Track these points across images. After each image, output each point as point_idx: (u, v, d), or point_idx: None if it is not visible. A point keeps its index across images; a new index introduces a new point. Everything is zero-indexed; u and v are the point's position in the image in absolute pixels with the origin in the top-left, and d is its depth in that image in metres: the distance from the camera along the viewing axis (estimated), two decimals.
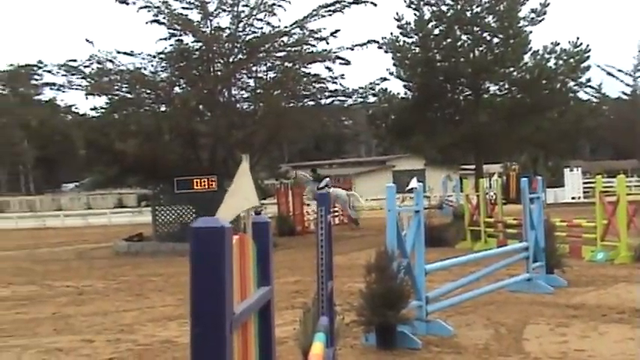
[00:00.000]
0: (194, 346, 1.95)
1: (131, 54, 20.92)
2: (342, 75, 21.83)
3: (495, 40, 28.26)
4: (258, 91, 22.08)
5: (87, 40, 20.33)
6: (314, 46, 21.18)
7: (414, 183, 7.86)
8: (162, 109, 22.38)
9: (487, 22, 28.19)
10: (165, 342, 7.82)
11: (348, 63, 21.47)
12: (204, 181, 18.77)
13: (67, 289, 12.75)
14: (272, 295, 2.79)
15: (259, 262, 2.68)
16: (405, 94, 30.07)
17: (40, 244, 24.38)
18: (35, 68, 52.72)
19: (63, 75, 21.04)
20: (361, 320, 6.90)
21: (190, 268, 1.94)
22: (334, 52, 21.11)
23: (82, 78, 20.95)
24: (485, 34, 28.34)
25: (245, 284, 2.38)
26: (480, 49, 28.38)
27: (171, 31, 20.85)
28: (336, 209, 24.86)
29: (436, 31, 28.49)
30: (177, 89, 21.95)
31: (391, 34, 28.73)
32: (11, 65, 50.26)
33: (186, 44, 21.26)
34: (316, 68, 21.98)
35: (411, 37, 28.79)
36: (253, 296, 2.48)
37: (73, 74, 20.83)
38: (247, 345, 2.39)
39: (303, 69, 21.70)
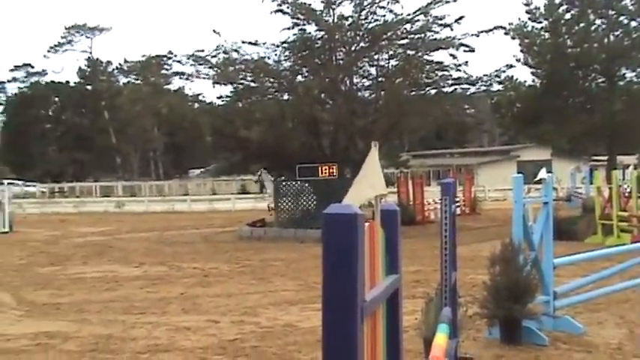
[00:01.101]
0: (325, 332, 1.94)
1: (255, 44, 21.39)
2: (466, 62, 21.40)
3: (633, 23, 26.79)
4: (380, 79, 22.00)
5: (214, 31, 21.03)
6: (437, 33, 20.86)
7: (543, 173, 7.57)
8: (285, 97, 22.74)
9: (624, 4, 26.75)
10: (286, 326, 7.96)
11: (472, 50, 20.99)
12: (326, 169, 18.92)
13: (194, 270, 13.24)
14: (400, 284, 2.75)
15: (388, 250, 2.64)
16: (533, 81, 29.22)
17: (169, 226, 25.43)
18: (165, 59, 55.28)
19: (191, 65, 21.81)
20: (484, 313, 6.73)
21: (322, 253, 1.93)
22: (458, 39, 20.69)
23: (209, 67, 21.62)
24: (621, 18, 26.92)
25: (374, 272, 2.35)
26: (616, 33, 27.03)
27: (295, 20, 21.12)
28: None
29: (567, 16, 27.41)
30: (299, 78, 22.24)
31: (519, 19, 27.95)
32: (144, 56, 52.80)
33: (309, 33, 21.47)
34: (439, 56, 21.65)
35: (540, 23, 27.86)
36: (382, 284, 2.45)
37: (200, 64, 21.54)
38: (376, 333, 2.37)
39: (425, 57, 21.41)
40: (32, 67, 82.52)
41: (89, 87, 78.04)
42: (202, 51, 21.42)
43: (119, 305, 9.60)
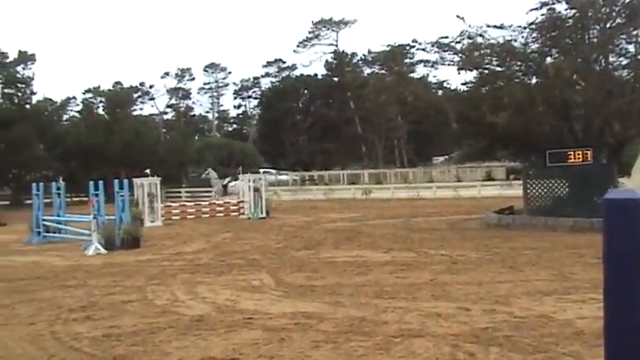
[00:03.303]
0: (608, 330, 1.80)
1: (501, 27, 20.80)
2: None
3: None
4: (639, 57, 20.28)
5: (458, 17, 20.74)
6: None
7: None
8: (534, 80, 21.84)
9: None
10: (541, 317, 7.66)
11: None
12: (579, 154, 17.90)
13: (442, 257, 13.24)
14: None
15: None
16: None
17: (415, 213, 25.71)
18: (408, 47, 55.80)
19: (435, 52, 21.78)
20: None
21: (603, 243, 1.79)
22: None
23: (454, 54, 21.43)
24: None
25: None
26: None
27: (543, 0, 20.18)
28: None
29: None
30: (548, 59, 21.23)
31: None
32: (388, 46, 53.66)
33: (559, 12, 20.40)
34: None
35: None
36: None
37: (445, 50, 21.43)
38: None
39: None
40: (283, 62, 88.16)
41: (336, 79, 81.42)
42: (446, 37, 21.32)
43: (370, 289, 9.89)
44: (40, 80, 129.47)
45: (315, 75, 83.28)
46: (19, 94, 48.36)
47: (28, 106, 48.25)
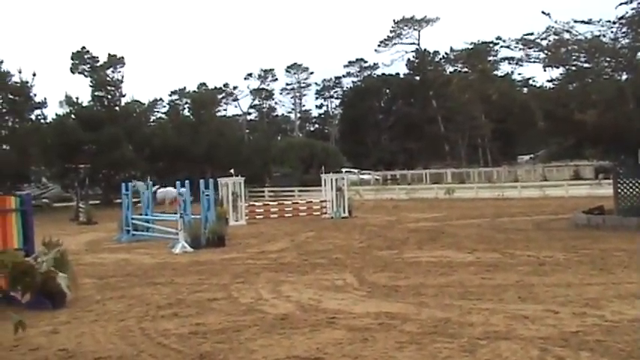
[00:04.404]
0: None
1: (589, 22, 20.13)
2: None
3: None
4: None
5: (543, 13, 20.21)
6: None
7: None
8: (624, 76, 21.07)
9: None
10: (634, 321, 7.38)
11: None
12: None
13: (528, 258, 12.93)
14: None
15: None
16: None
17: (499, 213, 25.23)
18: (492, 45, 54.76)
19: (520, 49, 21.30)
20: None
21: None
22: None
23: (539, 50, 20.91)
24: None
25: None
26: None
27: None
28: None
29: None
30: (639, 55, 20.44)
31: None
32: (471, 44, 52.85)
33: None
34: None
35: None
36: None
37: (530, 47, 20.94)
38: None
39: None
40: (365, 62, 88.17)
41: (417, 77, 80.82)
42: (531, 34, 20.80)
43: (454, 290, 9.76)
44: (128, 82, 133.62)
45: (397, 74, 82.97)
46: (109, 96, 50.13)
47: (117, 108, 49.94)
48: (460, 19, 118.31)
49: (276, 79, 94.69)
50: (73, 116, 46.72)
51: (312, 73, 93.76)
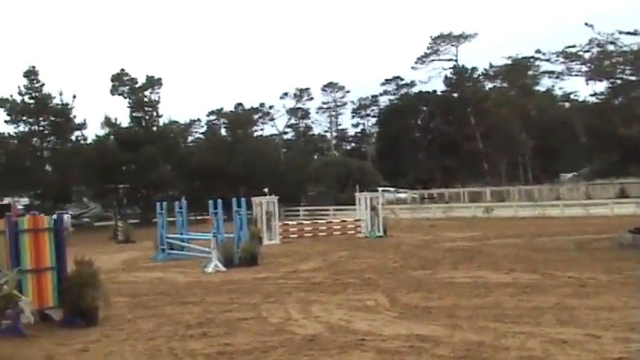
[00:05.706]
0: None
1: (634, 33, 19.66)
2: None
3: None
4: None
5: (586, 24, 19.78)
6: None
7: None
8: None
9: None
10: None
11: None
12: None
13: (569, 279, 12.48)
14: None
15: None
16: None
17: (539, 232, 24.62)
18: (532, 59, 54.08)
19: (561, 62, 20.94)
20: None
21: None
22: None
23: (582, 64, 20.48)
24: None
25: None
26: None
27: None
28: None
29: None
30: None
31: None
32: (509, 59, 52.34)
33: None
34: None
35: None
36: None
37: (572, 60, 20.54)
38: None
39: None
40: (401, 80, 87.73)
41: (455, 94, 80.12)
42: (573, 46, 20.41)
43: (489, 312, 9.41)
44: (166, 103, 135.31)
45: (434, 91, 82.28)
46: (147, 117, 50.75)
47: (154, 129, 50.47)
48: (499, 34, 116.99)
49: (312, 98, 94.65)
50: (112, 137, 47.35)
51: (348, 91, 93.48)
